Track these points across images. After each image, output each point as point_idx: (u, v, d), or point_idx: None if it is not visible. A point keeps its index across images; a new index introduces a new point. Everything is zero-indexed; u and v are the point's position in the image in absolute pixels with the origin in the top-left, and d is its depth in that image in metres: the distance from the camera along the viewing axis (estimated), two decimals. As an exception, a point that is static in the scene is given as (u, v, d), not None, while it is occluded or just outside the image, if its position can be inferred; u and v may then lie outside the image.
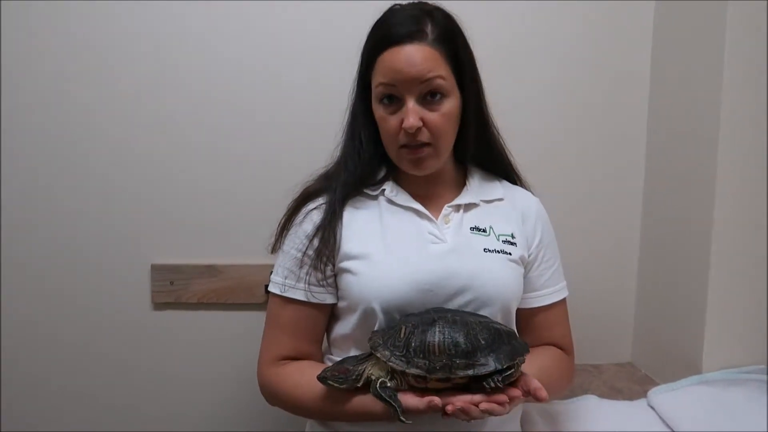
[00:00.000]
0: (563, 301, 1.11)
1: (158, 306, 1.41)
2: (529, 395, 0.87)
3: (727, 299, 1.27)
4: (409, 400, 0.86)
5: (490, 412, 0.83)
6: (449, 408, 0.82)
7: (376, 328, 0.96)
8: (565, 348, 1.11)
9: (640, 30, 1.46)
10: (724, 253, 1.25)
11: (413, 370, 0.85)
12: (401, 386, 0.88)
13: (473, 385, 0.86)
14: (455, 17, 1.00)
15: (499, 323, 0.92)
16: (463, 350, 0.85)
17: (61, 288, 1.39)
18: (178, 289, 1.40)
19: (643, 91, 1.48)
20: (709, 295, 1.26)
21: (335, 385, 0.90)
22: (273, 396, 1.02)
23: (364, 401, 0.91)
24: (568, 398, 1.27)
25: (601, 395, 1.30)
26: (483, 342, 0.86)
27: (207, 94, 1.37)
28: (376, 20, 0.99)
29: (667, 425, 1.17)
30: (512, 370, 0.86)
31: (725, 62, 1.21)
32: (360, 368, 0.91)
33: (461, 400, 0.83)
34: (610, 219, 1.52)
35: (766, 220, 1.25)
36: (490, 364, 0.85)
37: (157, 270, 1.39)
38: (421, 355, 0.85)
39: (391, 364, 0.86)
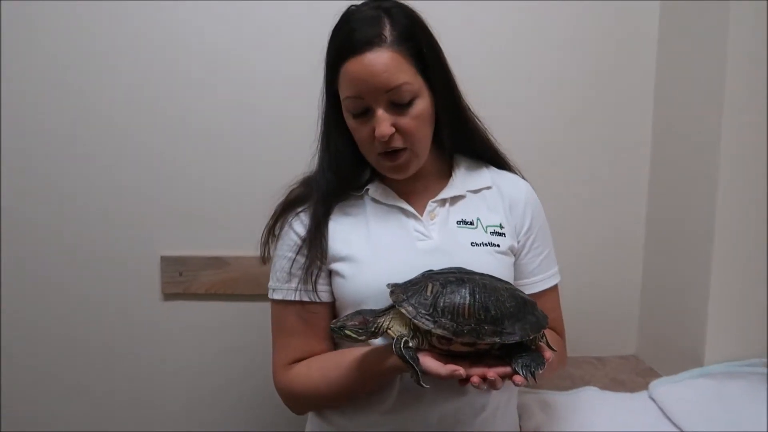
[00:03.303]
0: (555, 287, 1.09)
1: (168, 296, 1.45)
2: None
3: (730, 292, 1.26)
4: (430, 363, 0.81)
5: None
6: (475, 380, 0.79)
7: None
8: (557, 332, 1.10)
9: (646, 29, 1.46)
10: (726, 246, 1.25)
11: (439, 331, 0.81)
12: (422, 345, 0.85)
13: (494, 351, 0.84)
14: (416, 12, 0.96)
15: (523, 292, 0.90)
16: (492, 316, 0.82)
17: (73, 280, 1.43)
18: (186, 280, 1.43)
19: (648, 89, 1.48)
20: (712, 288, 1.26)
21: (352, 335, 0.85)
22: (292, 399, 1.02)
23: (377, 364, 0.90)
24: (568, 389, 1.28)
25: (603, 387, 1.30)
26: (510, 310, 0.84)
27: (213, 91, 1.39)
28: (333, 26, 0.96)
29: (668, 417, 1.17)
30: (542, 363, 0.83)
31: (728, 61, 1.21)
32: (379, 321, 0.86)
33: (493, 372, 0.80)
34: (615, 213, 1.52)
35: (767, 215, 1.24)
36: (517, 334, 0.82)
37: (167, 262, 1.42)
38: (449, 317, 0.82)
39: (416, 321, 0.82)
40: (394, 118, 0.92)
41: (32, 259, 1.42)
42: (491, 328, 0.82)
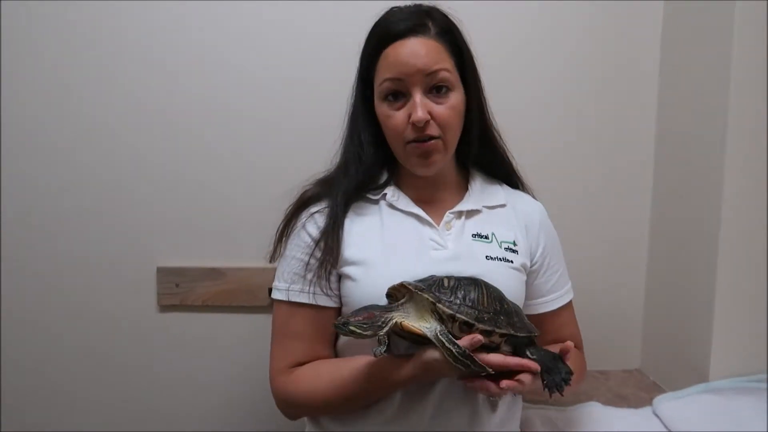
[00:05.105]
0: (570, 303, 1.11)
1: (164, 308, 1.43)
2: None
3: (735, 307, 1.24)
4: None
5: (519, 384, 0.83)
6: (494, 359, 0.83)
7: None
8: (576, 346, 1.10)
9: (649, 30, 1.45)
10: (731, 259, 1.23)
11: (462, 317, 0.83)
12: None
13: (501, 349, 0.87)
14: (454, 17, 1.00)
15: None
16: (505, 309, 0.87)
17: (69, 290, 1.41)
18: (183, 291, 1.41)
19: (652, 91, 1.47)
20: (716, 303, 1.24)
21: (357, 330, 0.83)
22: (291, 403, 1.00)
23: (392, 371, 0.89)
24: (571, 404, 1.25)
25: (606, 402, 1.28)
26: (514, 308, 0.90)
27: (212, 99, 1.38)
28: (375, 21, 0.99)
29: (672, 434, 1.15)
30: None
31: (733, 63, 1.19)
32: (387, 315, 0.85)
33: (516, 361, 0.84)
34: (618, 226, 1.50)
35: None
36: (526, 328, 0.88)
37: (163, 273, 1.41)
38: (470, 304, 0.84)
39: (440, 305, 0.83)
40: (430, 105, 0.95)
41: (29, 269, 1.40)
42: (506, 319, 0.86)
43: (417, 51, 0.93)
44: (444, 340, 0.82)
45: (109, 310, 1.42)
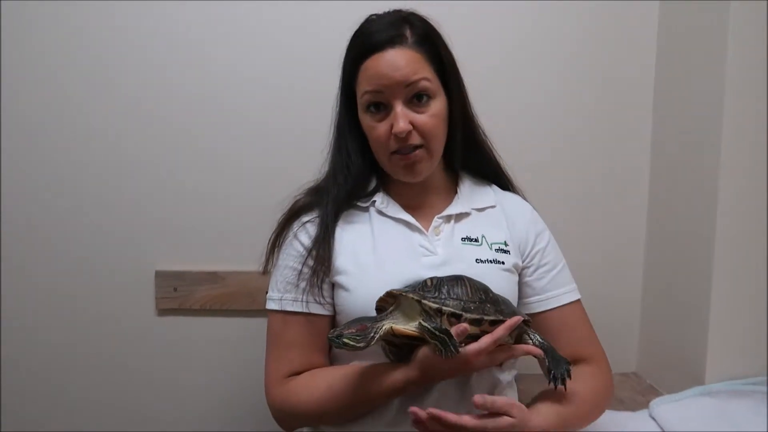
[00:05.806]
0: (577, 303, 1.07)
1: (162, 312, 1.43)
2: None
3: (731, 310, 1.25)
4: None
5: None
6: (486, 340, 0.84)
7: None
8: (590, 357, 1.06)
9: (644, 31, 1.45)
10: (727, 263, 1.24)
11: (448, 309, 0.85)
12: None
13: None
14: (433, 21, 1.00)
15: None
16: (491, 297, 0.90)
17: (68, 293, 1.41)
18: (181, 295, 1.41)
19: (647, 94, 1.47)
20: (713, 305, 1.25)
21: (350, 342, 0.84)
22: (288, 413, 1.00)
23: (387, 375, 0.90)
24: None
25: (603, 406, 1.28)
26: (500, 297, 0.92)
27: (211, 102, 1.39)
28: (353, 32, 0.99)
29: (669, 437, 1.15)
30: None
31: (728, 63, 1.20)
32: (378, 325, 0.87)
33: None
34: (614, 229, 1.51)
35: (768, 230, 1.24)
36: (515, 314, 0.89)
37: (161, 276, 1.41)
38: (454, 297, 0.87)
39: (425, 302, 0.85)
40: (411, 115, 0.95)
41: (28, 271, 1.40)
42: (493, 306, 0.88)
43: (395, 63, 0.93)
44: (423, 322, 0.84)
45: (108, 313, 1.42)
